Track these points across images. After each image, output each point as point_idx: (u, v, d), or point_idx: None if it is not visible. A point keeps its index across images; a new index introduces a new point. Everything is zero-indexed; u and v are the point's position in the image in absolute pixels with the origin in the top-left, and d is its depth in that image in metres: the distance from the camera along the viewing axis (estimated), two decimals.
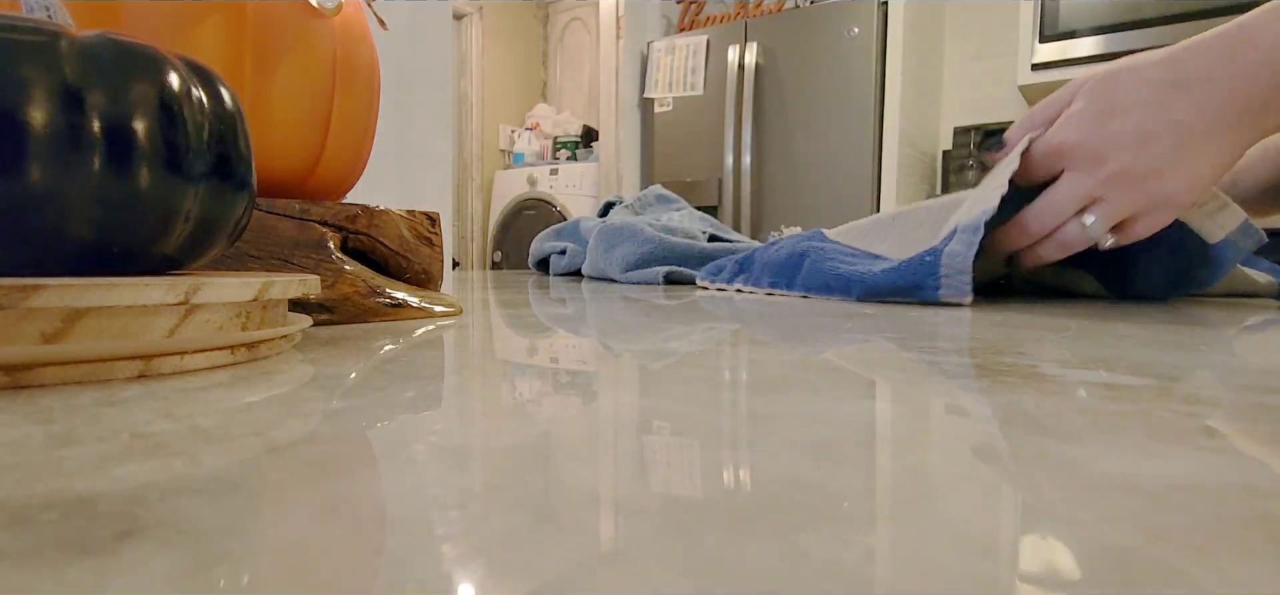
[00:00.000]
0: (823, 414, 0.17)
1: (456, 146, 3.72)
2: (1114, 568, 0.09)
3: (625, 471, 0.13)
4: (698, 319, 0.39)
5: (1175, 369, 0.24)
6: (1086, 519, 0.10)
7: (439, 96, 1.52)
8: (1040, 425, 0.16)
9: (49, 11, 0.26)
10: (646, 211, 1.00)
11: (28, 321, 0.19)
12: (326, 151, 0.41)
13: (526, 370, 0.23)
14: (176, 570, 0.09)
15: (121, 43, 0.22)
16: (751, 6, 2.82)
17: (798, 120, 2.45)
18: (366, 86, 0.43)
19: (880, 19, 2.31)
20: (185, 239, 0.24)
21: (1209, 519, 0.10)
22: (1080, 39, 2.14)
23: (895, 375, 0.22)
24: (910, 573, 0.09)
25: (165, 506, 0.11)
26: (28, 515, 0.10)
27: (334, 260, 0.36)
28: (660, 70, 2.77)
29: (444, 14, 1.54)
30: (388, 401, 0.18)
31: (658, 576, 0.09)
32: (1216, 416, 0.17)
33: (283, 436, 0.14)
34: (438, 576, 0.09)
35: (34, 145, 0.19)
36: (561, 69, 3.98)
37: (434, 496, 0.11)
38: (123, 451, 0.13)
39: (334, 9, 0.40)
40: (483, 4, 3.67)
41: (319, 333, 0.32)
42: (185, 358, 0.22)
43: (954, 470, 0.13)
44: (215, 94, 0.24)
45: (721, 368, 0.24)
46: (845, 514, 0.11)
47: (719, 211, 2.59)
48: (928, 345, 0.29)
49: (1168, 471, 0.13)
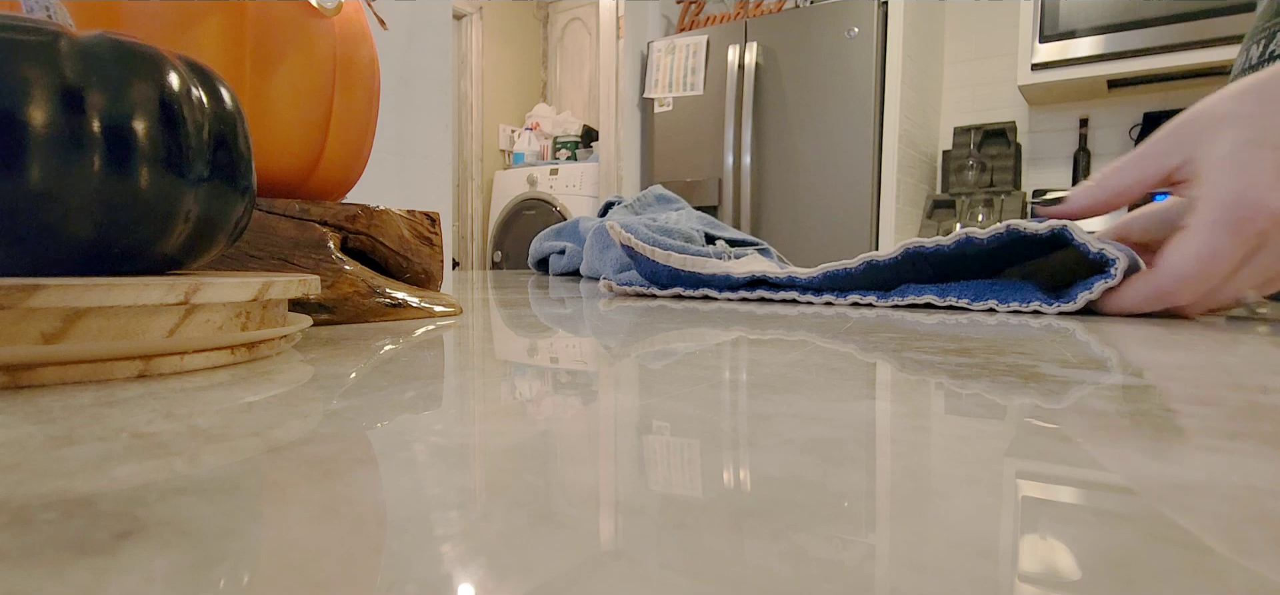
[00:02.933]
0: (822, 414, 0.17)
1: (456, 146, 3.72)
2: (1114, 568, 0.09)
3: (625, 471, 0.13)
4: (696, 319, 0.39)
5: (1176, 369, 0.24)
6: (1086, 519, 0.10)
7: (439, 96, 1.52)
8: (1040, 425, 0.16)
9: (49, 11, 0.26)
10: (646, 212, 1.00)
11: (28, 321, 0.19)
12: (326, 151, 0.41)
13: (526, 370, 0.23)
14: (176, 570, 0.09)
15: (121, 43, 0.22)
16: (751, 6, 2.81)
17: (798, 120, 2.45)
18: (366, 86, 0.43)
19: (880, 19, 2.31)
20: (185, 239, 0.24)
21: (1209, 519, 0.10)
22: (1080, 39, 2.14)
23: (895, 375, 0.22)
24: (910, 573, 0.09)
25: (165, 506, 0.11)
26: (28, 515, 0.10)
27: (334, 260, 0.36)
28: (660, 70, 2.77)
29: (444, 14, 1.54)
30: (388, 401, 0.18)
31: (658, 576, 0.09)
32: (1217, 416, 0.17)
33: (283, 436, 0.14)
34: (438, 576, 0.09)
35: (34, 145, 0.19)
36: (561, 69, 3.98)
37: (434, 496, 0.11)
38: (123, 451, 0.13)
39: (334, 9, 0.40)
40: (483, 4, 3.66)
41: (319, 333, 0.32)
42: (185, 358, 0.22)
43: (954, 470, 0.13)
44: (215, 94, 0.24)
45: (721, 367, 0.24)
46: (845, 514, 0.11)
47: (719, 211, 2.59)
48: (928, 345, 0.29)
49: (1168, 471, 0.13)
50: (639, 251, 0.57)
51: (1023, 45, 2.24)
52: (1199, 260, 0.39)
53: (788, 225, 2.45)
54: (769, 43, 2.52)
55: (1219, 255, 0.39)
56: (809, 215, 2.42)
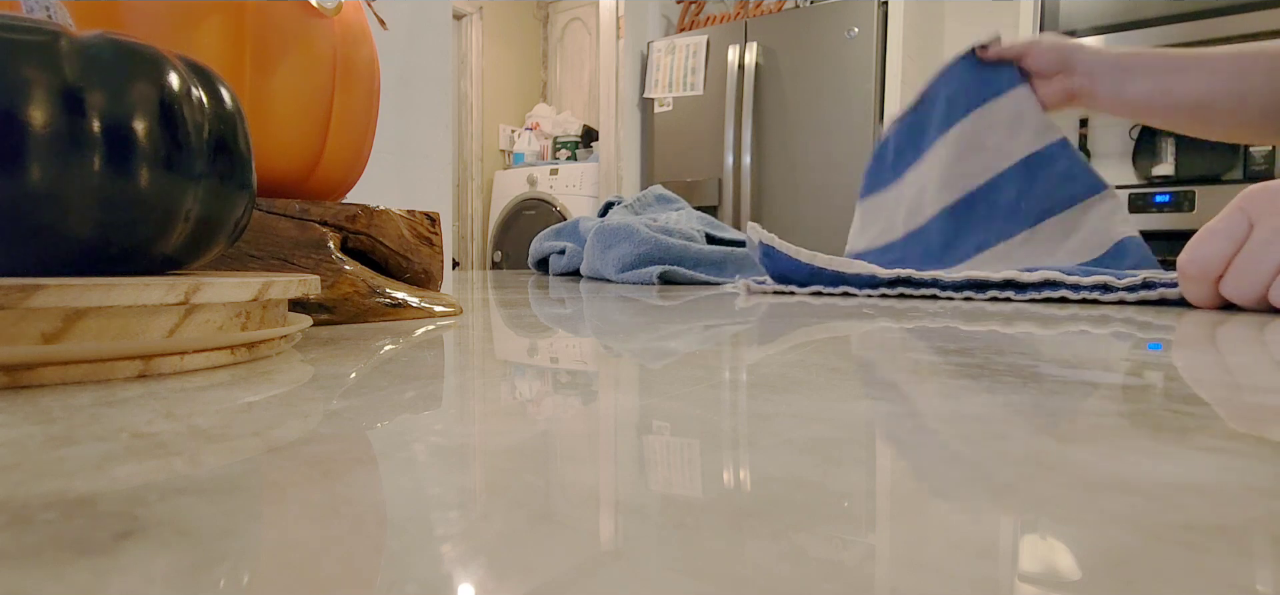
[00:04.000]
0: (822, 413, 0.17)
1: (456, 146, 3.72)
2: (1114, 568, 0.09)
3: (625, 471, 0.13)
4: (695, 319, 0.39)
5: (1176, 369, 0.24)
6: (1086, 519, 0.10)
7: (439, 96, 1.52)
8: (1040, 425, 0.16)
9: (49, 11, 0.26)
10: (646, 212, 1.00)
11: (28, 321, 0.19)
12: (326, 151, 0.41)
13: (526, 370, 0.23)
14: (176, 570, 0.09)
15: (121, 43, 0.22)
16: (751, 6, 2.81)
17: (798, 120, 2.45)
18: (366, 86, 0.43)
19: (880, 19, 2.31)
20: (185, 239, 0.24)
21: (1209, 519, 0.10)
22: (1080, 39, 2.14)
23: (895, 375, 0.22)
24: (910, 573, 0.09)
25: (165, 506, 0.11)
26: (28, 515, 0.10)
27: (334, 260, 0.36)
28: (660, 70, 2.77)
29: (444, 14, 1.54)
30: (388, 401, 0.18)
31: (658, 576, 0.09)
32: (1217, 416, 0.17)
33: (283, 436, 0.14)
34: (438, 576, 0.09)
35: (34, 145, 0.19)
36: (561, 69, 3.98)
37: (434, 496, 0.11)
38: (123, 451, 0.13)
39: (334, 9, 0.40)
40: (483, 4, 3.66)
41: (319, 333, 0.32)
42: (185, 358, 0.22)
43: (954, 470, 0.13)
44: (215, 94, 0.24)
45: (721, 367, 0.24)
46: (845, 514, 0.11)
47: (719, 211, 2.59)
48: (928, 345, 0.29)
49: (1168, 471, 0.13)
50: (779, 250, 0.62)
51: None
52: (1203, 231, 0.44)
53: (787, 225, 2.45)
54: (769, 43, 2.52)
55: (1214, 230, 0.44)
56: (809, 215, 2.42)
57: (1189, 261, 0.45)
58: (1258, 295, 0.43)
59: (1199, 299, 0.46)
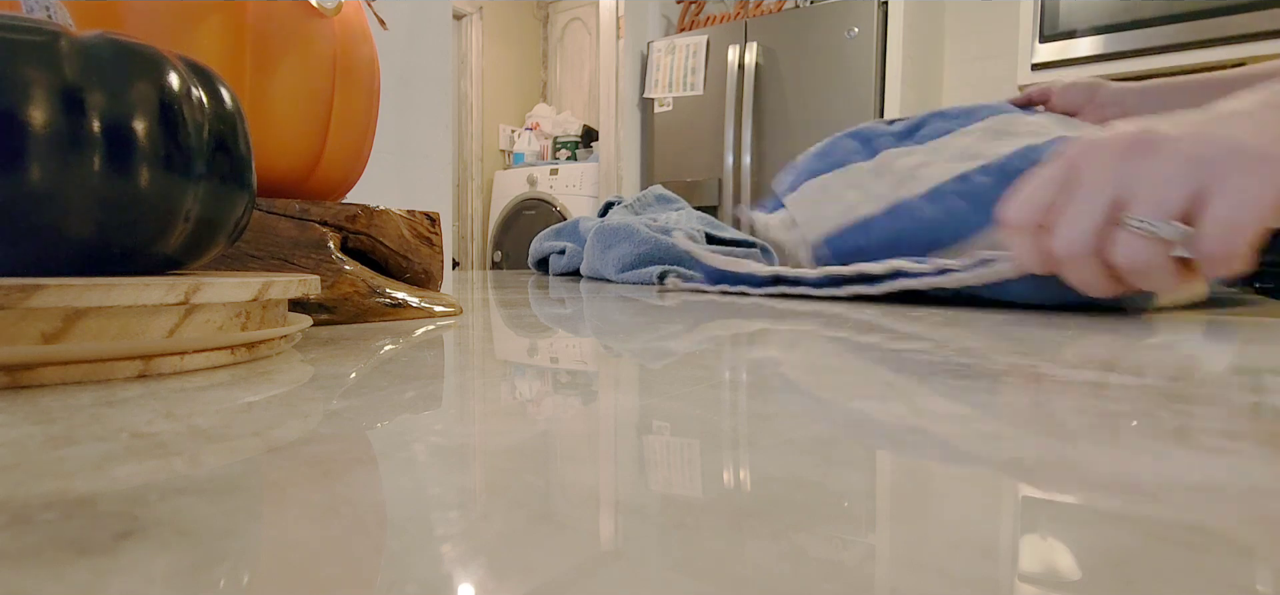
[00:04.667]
0: (822, 414, 0.17)
1: (456, 146, 3.72)
2: (1114, 568, 0.09)
3: (625, 471, 0.13)
4: (695, 319, 0.39)
5: (1176, 369, 0.24)
6: (1086, 519, 0.10)
7: (439, 96, 1.52)
8: (1041, 425, 0.16)
9: (49, 11, 0.26)
10: (646, 212, 1.00)
11: (28, 321, 0.19)
12: (326, 151, 0.41)
13: (526, 370, 0.23)
14: (176, 570, 0.09)
15: (121, 43, 0.22)
16: (751, 6, 2.81)
17: (798, 120, 2.45)
18: (366, 86, 0.43)
19: (880, 19, 2.31)
20: (185, 239, 0.24)
21: (1208, 519, 0.10)
22: (1080, 39, 2.14)
23: (895, 375, 0.22)
24: (910, 573, 0.09)
25: (165, 506, 0.11)
26: (28, 515, 0.10)
27: (334, 260, 0.36)
28: (660, 70, 2.77)
29: (444, 14, 1.54)
30: (388, 401, 0.18)
31: (658, 576, 0.09)
32: (1217, 416, 0.17)
33: (283, 436, 0.14)
34: (438, 576, 0.09)
35: (34, 145, 0.19)
36: (561, 69, 3.98)
37: (434, 496, 0.11)
38: (123, 451, 0.13)
39: (334, 9, 0.40)
40: (483, 4, 3.66)
41: (319, 333, 0.32)
42: (185, 358, 0.22)
43: (954, 470, 0.13)
44: (215, 94, 0.24)
45: (720, 367, 0.24)
46: (845, 514, 0.11)
47: (719, 211, 2.59)
48: (928, 345, 0.29)
49: (1168, 471, 0.13)
50: (697, 257, 0.63)
51: (1023, 45, 2.24)
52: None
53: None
54: (769, 43, 2.52)
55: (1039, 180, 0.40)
56: None
57: (1008, 210, 0.41)
58: (1089, 245, 0.38)
59: (1031, 264, 0.41)
